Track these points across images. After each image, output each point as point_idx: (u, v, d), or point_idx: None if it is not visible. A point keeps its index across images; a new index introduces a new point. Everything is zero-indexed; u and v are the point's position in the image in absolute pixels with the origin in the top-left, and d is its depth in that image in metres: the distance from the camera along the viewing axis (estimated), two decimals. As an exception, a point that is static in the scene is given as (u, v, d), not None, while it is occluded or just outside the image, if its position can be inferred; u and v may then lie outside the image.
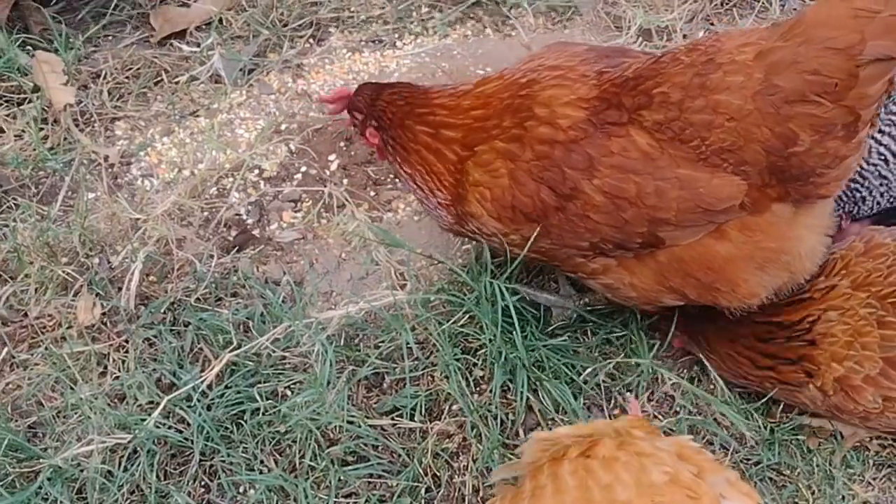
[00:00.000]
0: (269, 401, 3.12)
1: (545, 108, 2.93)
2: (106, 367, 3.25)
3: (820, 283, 3.02)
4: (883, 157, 3.32)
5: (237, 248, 3.60)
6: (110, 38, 4.43)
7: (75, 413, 3.13)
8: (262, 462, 3.05)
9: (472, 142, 3.05)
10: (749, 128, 2.71)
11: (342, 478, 3.03)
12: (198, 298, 3.40)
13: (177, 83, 4.20)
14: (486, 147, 3.01)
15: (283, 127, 4.03)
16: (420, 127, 3.15)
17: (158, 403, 3.09)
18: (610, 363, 3.25)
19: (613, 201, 2.85)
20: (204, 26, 4.41)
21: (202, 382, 3.12)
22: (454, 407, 3.18)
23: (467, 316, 3.28)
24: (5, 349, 3.30)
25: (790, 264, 2.92)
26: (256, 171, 3.87)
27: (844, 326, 2.92)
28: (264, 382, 3.17)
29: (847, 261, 3.03)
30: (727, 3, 4.47)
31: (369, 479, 3.06)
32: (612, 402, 3.25)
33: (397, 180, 3.79)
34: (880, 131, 3.32)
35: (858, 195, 3.36)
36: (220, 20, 4.40)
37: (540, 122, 2.93)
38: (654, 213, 2.83)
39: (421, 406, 3.16)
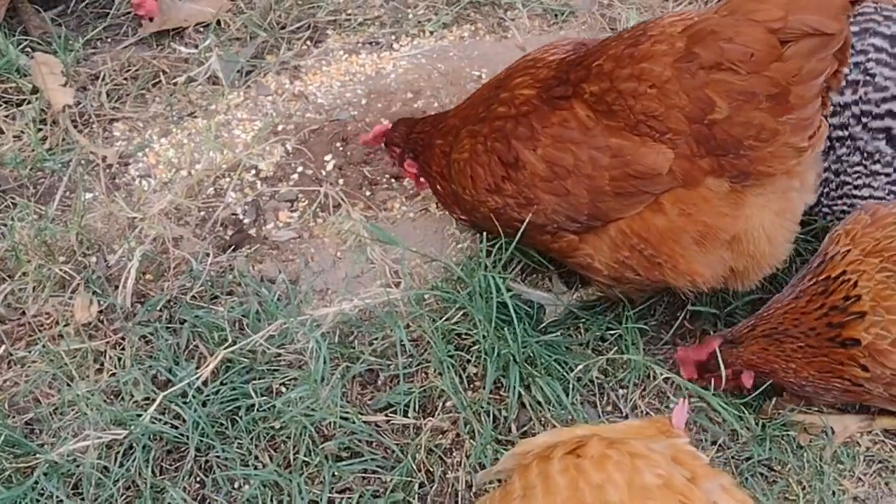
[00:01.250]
0: (264, 397, 3.14)
1: (508, 93, 3.15)
2: (102, 364, 3.28)
3: (832, 256, 3.04)
4: None
5: (233, 246, 3.62)
6: (109, 40, 4.48)
7: (72, 410, 3.15)
8: (256, 458, 3.07)
9: (460, 126, 3.32)
10: (668, 94, 2.80)
11: (336, 473, 3.05)
12: (193, 296, 3.43)
13: (175, 84, 4.24)
14: (464, 131, 3.26)
15: (279, 128, 4.06)
16: (439, 140, 3.41)
17: (154, 400, 3.11)
18: (602, 359, 3.27)
19: (554, 170, 3.01)
20: (202, 28, 4.45)
21: (197, 379, 3.14)
22: (448, 403, 3.20)
23: (461, 313, 3.31)
24: (3, 347, 3.33)
25: (735, 243, 2.94)
26: (253, 172, 3.91)
27: (868, 292, 2.92)
28: (259, 379, 3.19)
29: (853, 234, 3.03)
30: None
31: (363, 475, 3.08)
32: (605, 398, 3.26)
33: (395, 182, 3.87)
34: None
35: None
36: (218, 22, 4.45)
37: (500, 103, 3.16)
38: (590, 181, 2.96)
39: (415, 402, 3.18)
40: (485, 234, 3.33)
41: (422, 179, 3.58)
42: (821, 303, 2.98)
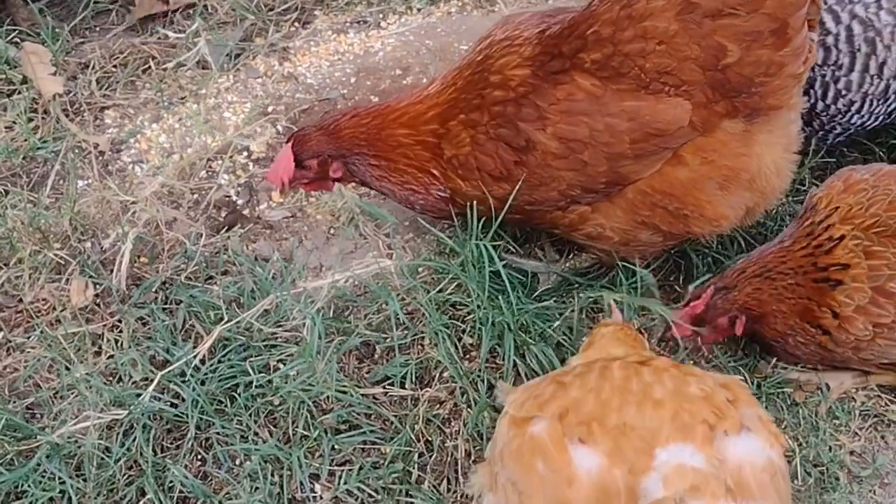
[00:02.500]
0: (262, 374, 3.15)
1: (498, 75, 3.06)
2: (100, 347, 3.30)
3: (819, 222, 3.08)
4: None
5: (227, 227, 3.64)
6: (97, 28, 4.48)
7: (72, 393, 3.17)
8: (256, 433, 3.09)
9: (445, 117, 3.15)
10: (679, 47, 2.83)
11: (335, 446, 3.07)
12: (188, 277, 3.45)
13: (164, 70, 4.25)
14: (455, 121, 3.13)
15: (270, 109, 4.08)
16: (400, 130, 3.21)
17: (153, 380, 3.13)
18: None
19: (569, 145, 2.96)
20: (190, 12, 4.46)
21: (195, 358, 3.16)
22: (444, 374, 3.21)
23: (454, 284, 3.32)
24: (1, 333, 3.35)
25: (753, 182, 3.00)
26: (245, 154, 3.92)
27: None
28: (256, 356, 3.20)
29: (830, 199, 3.09)
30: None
31: (362, 447, 3.10)
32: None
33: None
34: None
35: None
36: (206, 6, 4.45)
37: (494, 87, 3.06)
38: (609, 149, 2.94)
39: (411, 374, 3.20)
40: (475, 205, 3.30)
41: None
42: (806, 243, 3.06)
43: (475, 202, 3.16)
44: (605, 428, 2.31)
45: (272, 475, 3.02)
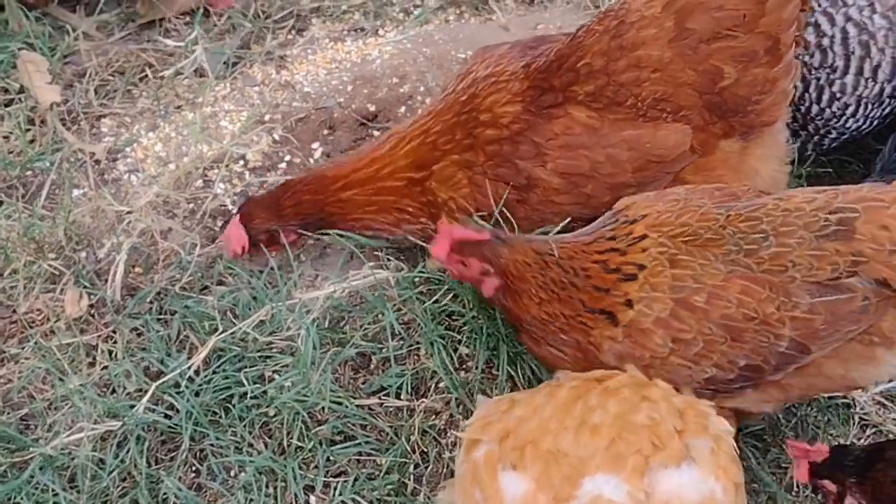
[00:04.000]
0: (256, 385, 3.13)
1: (488, 113, 3.04)
2: (94, 358, 3.29)
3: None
4: None
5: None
6: (93, 38, 4.46)
7: (65, 404, 3.16)
8: (250, 445, 3.07)
9: (425, 162, 3.12)
10: (674, 74, 2.84)
11: (331, 457, 3.05)
12: (183, 287, 3.44)
13: (161, 78, 4.24)
14: (445, 163, 3.10)
15: (266, 117, 4.06)
16: (348, 192, 3.21)
17: (147, 391, 3.12)
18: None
19: (571, 180, 2.95)
20: (188, 20, 4.45)
21: (189, 369, 3.14)
22: (440, 384, 3.20)
23: (450, 294, 3.29)
24: (-5, 345, 3.35)
25: None
26: (241, 162, 3.91)
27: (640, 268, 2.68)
28: (251, 367, 3.18)
29: (636, 206, 2.79)
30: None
31: (358, 458, 3.08)
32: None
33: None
34: None
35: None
36: (205, 13, 4.43)
37: (486, 126, 3.04)
38: (612, 179, 2.93)
39: (407, 384, 3.18)
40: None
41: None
42: (603, 245, 2.73)
43: None
44: (538, 452, 2.28)
45: (267, 487, 3.01)
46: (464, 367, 3.25)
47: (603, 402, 2.35)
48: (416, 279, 3.38)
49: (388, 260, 3.45)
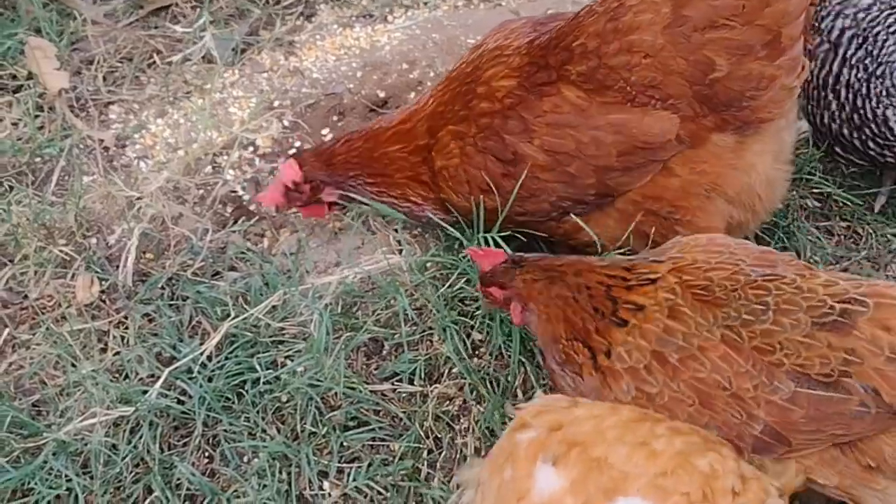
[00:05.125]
0: (269, 370, 3.13)
1: (485, 86, 3.05)
2: (106, 344, 3.27)
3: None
4: None
5: (234, 222, 3.61)
6: (101, 25, 4.44)
7: (78, 390, 3.15)
8: (263, 430, 3.06)
9: (434, 128, 3.15)
10: (665, 61, 2.80)
11: (344, 443, 3.05)
12: (195, 273, 3.43)
13: (170, 65, 4.22)
14: (444, 132, 3.12)
15: (275, 104, 4.05)
16: (392, 147, 3.21)
17: (159, 377, 3.11)
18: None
19: (556, 158, 2.95)
20: (196, 5, 4.43)
21: (201, 354, 3.13)
22: (453, 370, 3.18)
23: (463, 279, 3.28)
24: (6, 330, 3.33)
25: (742, 195, 2.95)
26: (251, 149, 3.90)
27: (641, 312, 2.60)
28: (264, 352, 3.18)
29: (683, 246, 2.73)
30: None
31: (371, 444, 3.07)
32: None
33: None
34: None
35: None
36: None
37: (480, 98, 3.05)
38: (596, 161, 2.92)
39: (420, 370, 3.17)
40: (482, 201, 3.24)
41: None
42: (616, 271, 2.70)
43: (465, 213, 3.16)
44: (585, 456, 2.20)
45: (280, 472, 2.99)
46: (477, 353, 3.23)
47: (670, 436, 2.25)
48: (429, 264, 3.38)
49: (401, 245, 3.44)
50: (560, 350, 2.70)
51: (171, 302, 3.35)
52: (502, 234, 3.15)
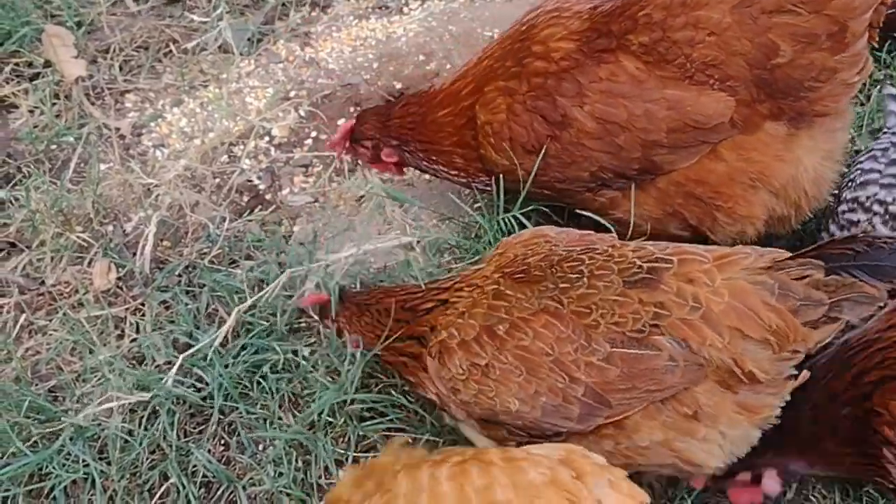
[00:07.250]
0: (286, 357, 3.12)
1: (541, 46, 3.01)
2: (123, 330, 3.28)
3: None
4: None
5: (250, 211, 3.61)
6: (117, 13, 4.44)
7: (94, 376, 3.15)
8: (280, 418, 3.07)
9: (482, 83, 3.11)
10: (729, 41, 2.77)
11: (361, 433, 3.04)
12: (211, 260, 3.43)
13: (186, 54, 4.21)
14: (491, 87, 3.08)
15: (292, 94, 4.05)
16: (441, 112, 3.21)
17: (175, 363, 3.10)
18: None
19: (605, 126, 2.92)
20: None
21: (216, 341, 3.13)
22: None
23: (478, 265, 3.28)
24: (24, 316, 3.34)
25: (786, 187, 2.93)
26: (267, 139, 3.90)
27: (467, 299, 2.75)
28: (280, 340, 3.17)
29: (506, 245, 2.88)
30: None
31: (388, 434, 3.06)
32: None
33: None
34: None
35: None
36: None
37: (536, 57, 3.01)
38: (645, 135, 2.89)
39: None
40: (501, 180, 3.21)
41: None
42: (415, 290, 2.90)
43: (503, 174, 3.13)
44: None
45: (296, 461, 3.00)
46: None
47: (490, 479, 2.24)
48: (445, 253, 3.38)
49: (416, 233, 3.44)
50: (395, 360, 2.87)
51: (188, 289, 3.36)
52: (524, 209, 3.14)
